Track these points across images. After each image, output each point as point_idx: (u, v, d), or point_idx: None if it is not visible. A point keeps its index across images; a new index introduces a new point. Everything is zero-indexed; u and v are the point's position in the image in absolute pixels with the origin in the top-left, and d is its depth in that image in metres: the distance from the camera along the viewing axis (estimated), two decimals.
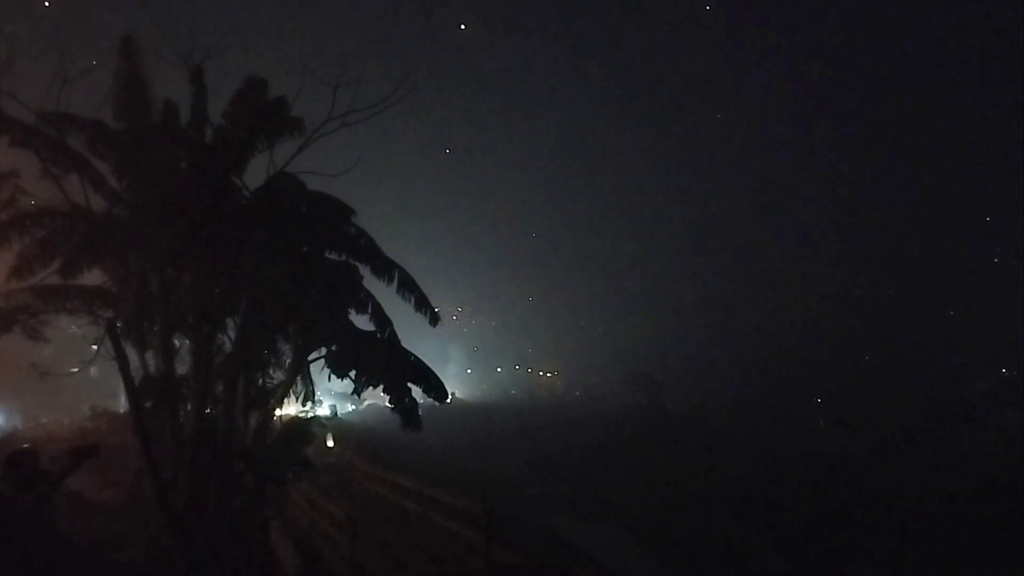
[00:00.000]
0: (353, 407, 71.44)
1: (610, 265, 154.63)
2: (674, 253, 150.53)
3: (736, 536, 29.45)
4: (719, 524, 31.46)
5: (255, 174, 13.58)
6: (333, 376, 14.39)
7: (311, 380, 15.63)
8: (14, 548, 6.16)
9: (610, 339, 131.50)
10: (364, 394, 15.05)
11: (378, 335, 14.30)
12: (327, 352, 14.22)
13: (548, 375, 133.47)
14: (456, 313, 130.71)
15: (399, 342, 14.51)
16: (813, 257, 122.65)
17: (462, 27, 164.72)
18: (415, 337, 17.25)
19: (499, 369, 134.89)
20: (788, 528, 29.29)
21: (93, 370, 14.75)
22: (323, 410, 38.66)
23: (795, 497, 34.19)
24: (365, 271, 14.32)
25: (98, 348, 13.46)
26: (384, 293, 14.41)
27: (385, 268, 14.31)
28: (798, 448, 49.30)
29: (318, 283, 13.77)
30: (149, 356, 13.66)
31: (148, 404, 13.08)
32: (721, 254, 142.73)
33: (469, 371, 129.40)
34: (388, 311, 14.43)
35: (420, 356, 14.66)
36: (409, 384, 14.06)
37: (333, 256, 14.20)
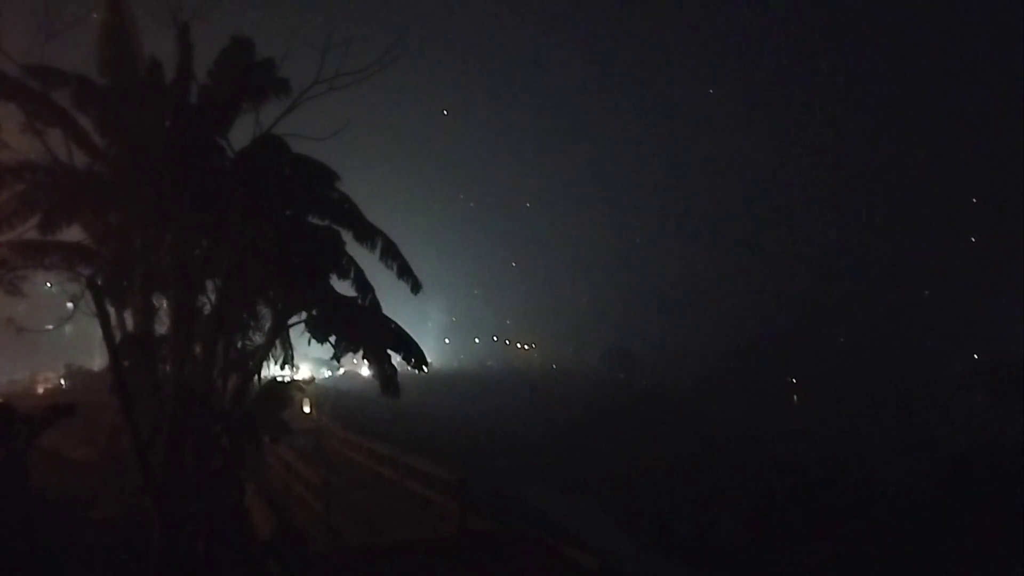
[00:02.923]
0: (330, 373, 71.74)
1: (593, 239, 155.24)
2: (656, 230, 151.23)
3: (704, 510, 29.87)
4: (688, 498, 31.89)
5: (240, 135, 13.49)
6: (312, 341, 14.35)
7: (291, 344, 15.64)
8: None
9: (588, 314, 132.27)
10: (341, 361, 15.03)
11: (359, 301, 14.27)
12: (307, 316, 14.17)
13: (525, 347, 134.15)
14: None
15: (380, 308, 14.50)
16: (791, 238, 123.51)
17: None
18: (396, 303, 17.22)
19: (476, 340, 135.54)
20: (756, 504, 29.74)
21: (68, 328, 14.66)
22: (301, 375, 38.64)
23: (764, 474, 34.67)
24: (348, 237, 14.26)
25: (75, 306, 13.39)
26: (367, 259, 14.38)
27: (368, 234, 14.23)
28: (770, 426, 49.92)
29: (300, 247, 13.69)
30: (127, 315, 13.61)
31: (127, 363, 13.04)
32: (702, 232, 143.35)
33: (447, 341, 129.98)
34: (370, 277, 14.40)
35: (400, 323, 14.65)
36: (389, 351, 14.06)
37: (316, 220, 14.09)
